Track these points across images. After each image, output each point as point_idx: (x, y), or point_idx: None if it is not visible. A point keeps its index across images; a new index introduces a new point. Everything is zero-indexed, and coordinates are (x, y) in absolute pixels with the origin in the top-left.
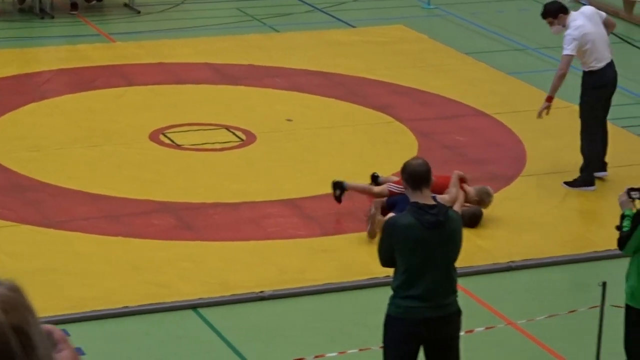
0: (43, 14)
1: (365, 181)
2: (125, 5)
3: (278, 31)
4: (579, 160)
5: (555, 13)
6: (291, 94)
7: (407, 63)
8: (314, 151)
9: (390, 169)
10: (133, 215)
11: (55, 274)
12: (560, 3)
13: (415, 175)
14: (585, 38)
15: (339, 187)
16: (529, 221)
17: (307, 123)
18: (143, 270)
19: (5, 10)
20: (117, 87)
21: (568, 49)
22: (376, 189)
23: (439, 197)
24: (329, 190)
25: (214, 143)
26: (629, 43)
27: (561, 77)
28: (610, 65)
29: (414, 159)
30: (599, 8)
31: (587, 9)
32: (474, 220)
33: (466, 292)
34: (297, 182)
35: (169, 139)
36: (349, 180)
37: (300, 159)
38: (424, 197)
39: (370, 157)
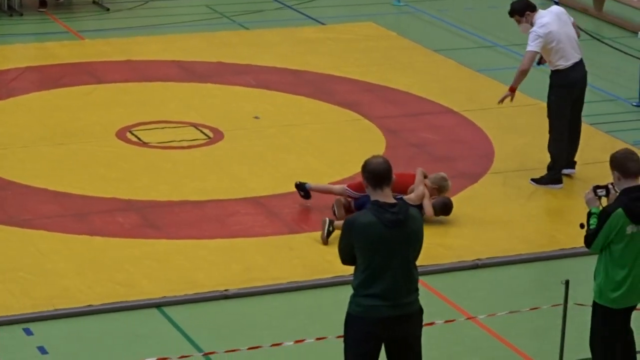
0: (11, 11)
1: (321, 182)
2: (94, 2)
3: (247, 28)
4: (547, 158)
5: (521, 11)
6: (259, 91)
7: (376, 60)
8: (281, 149)
9: (356, 167)
10: (98, 213)
11: (19, 272)
12: (527, 1)
13: (376, 173)
14: (551, 36)
15: (301, 189)
16: (495, 219)
17: (274, 121)
18: (107, 269)
19: None
20: (85, 84)
21: (532, 45)
22: (336, 188)
23: (406, 197)
24: (293, 188)
25: (180, 141)
26: (598, 40)
27: (522, 73)
28: (579, 64)
29: (374, 157)
30: (567, 5)
31: (556, 8)
32: (446, 208)
33: (431, 290)
34: (263, 180)
35: (135, 136)
36: (314, 179)
37: (266, 157)
38: (385, 196)
39: (337, 155)
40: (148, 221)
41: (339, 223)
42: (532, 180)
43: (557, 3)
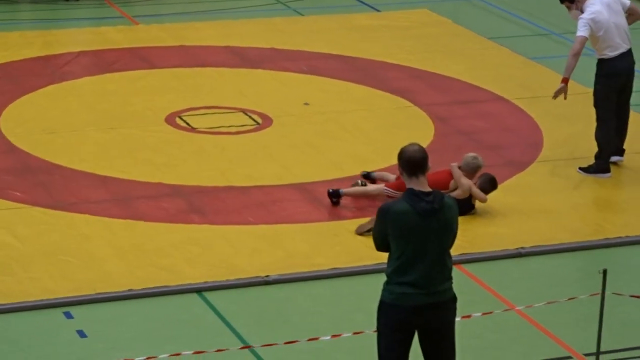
0: None
1: (369, 168)
2: None
3: (302, 15)
4: (596, 147)
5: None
6: (310, 77)
7: (429, 47)
8: (329, 136)
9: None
10: (143, 198)
11: (62, 256)
12: None
13: (412, 161)
14: (599, 25)
15: (335, 196)
16: (541, 208)
17: (324, 107)
18: (149, 254)
19: None
20: (138, 69)
21: (581, 31)
22: (372, 189)
23: (454, 194)
24: (340, 174)
25: (229, 126)
26: None
27: (574, 57)
28: (626, 55)
29: (410, 144)
30: None
31: None
32: (493, 183)
33: (473, 278)
34: (310, 166)
35: (184, 122)
36: (362, 166)
37: (314, 144)
38: (420, 184)
39: (385, 142)
40: (193, 207)
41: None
42: (580, 169)
43: None
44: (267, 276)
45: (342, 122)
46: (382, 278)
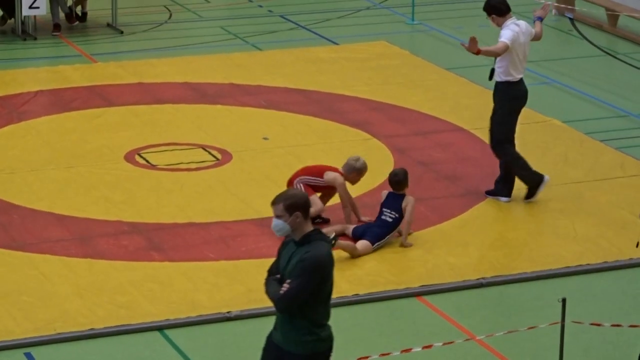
0: (25, 35)
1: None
2: (108, 25)
3: (260, 49)
4: (555, 175)
5: (491, 10)
6: (269, 112)
7: (387, 79)
8: (289, 169)
9: (364, 188)
10: (102, 236)
11: (21, 296)
12: (504, 4)
13: (309, 206)
14: (517, 43)
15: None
16: (500, 237)
17: (283, 141)
18: (109, 292)
19: None
20: (96, 107)
21: (506, 38)
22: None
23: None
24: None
25: (189, 163)
26: (612, 56)
27: (493, 55)
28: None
29: (297, 189)
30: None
31: (523, 23)
32: (397, 179)
33: (433, 309)
34: (269, 200)
35: (144, 159)
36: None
37: (274, 178)
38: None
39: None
40: (152, 244)
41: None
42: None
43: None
44: (228, 312)
45: (301, 156)
46: (342, 311)
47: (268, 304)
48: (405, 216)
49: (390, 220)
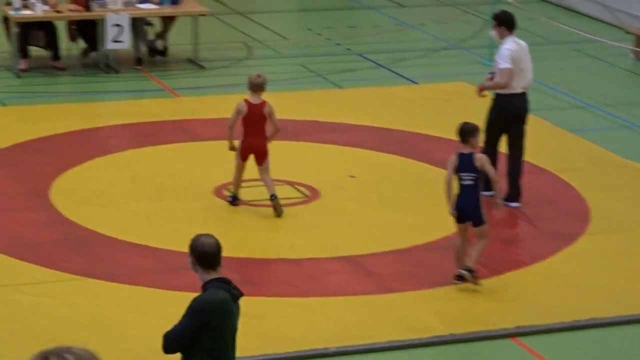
0: (108, 68)
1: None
2: (190, 60)
3: (341, 87)
4: None
5: (501, 22)
6: (353, 150)
7: (467, 119)
8: (376, 207)
9: (451, 226)
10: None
11: (117, 327)
12: (512, 17)
13: (210, 255)
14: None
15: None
16: (591, 280)
17: (368, 179)
18: None
19: (70, 64)
20: (179, 142)
21: (505, 62)
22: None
23: None
24: (389, 247)
25: None
26: None
27: (501, 87)
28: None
29: (204, 236)
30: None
31: (524, 43)
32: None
33: (528, 350)
34: (359, 238)
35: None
36: (411, 238)
37: (362, 215)
38: (219, 274)
39: (430, 214)
40: (244, 278)
41: None
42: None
43: None
44: (326, 348)
45: (388, 194)
46: (437, 351)
47: (363, 340)
48: (491, 176)
49: (472, 183)
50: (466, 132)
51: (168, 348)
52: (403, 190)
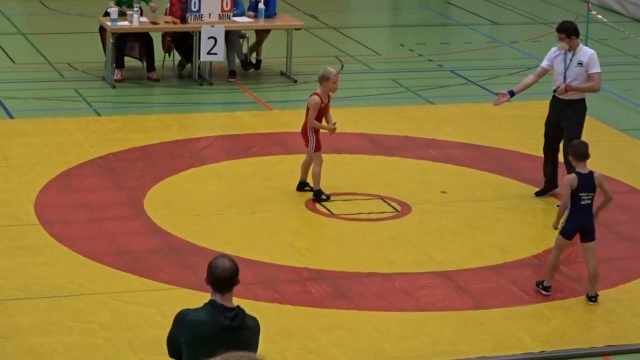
0: (202, 80)
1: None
2: (282, 74)
3: (433, 103)
4: None
5: (570, 33)
6: (445, 165)
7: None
8: (468, 224)
9: (543, 244)
10: (288, 282)
11: None
12: (576, 26)
13: (220, 279)
14: None
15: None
16: None
17: (461, 195)
18: (298, 337)
19: (165, 75)
20: (274, 154)
21: (598, 67)
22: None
23: None
24: (482, 263)
25: (369, 213)
26: None
27: (593, 91)
28: None
29: (221, 258)
30: None
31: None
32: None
33: None
34: (451, 254)
35: (325, 207)
36: (502, 255)
37: (454, 231)
38: (224, 299)
39: (523, 232)
40: (338, 291)
41: None
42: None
43: None
44: None
45: (480, 211)
46: None
47: (456, 356)
48: (607, 195)
49: (591, 202)
50: (583, 152)
51: (168, 353)
52: (494, 207)
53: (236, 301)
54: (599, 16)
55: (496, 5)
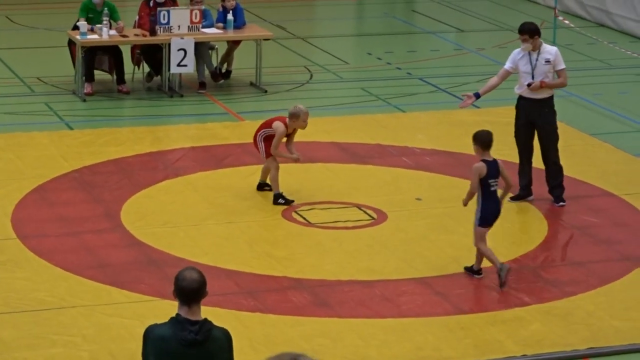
0: (172, 92)
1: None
2: (252, 84)
3: (404, 111)
4: None
5: (533, 33)
6: (419, 173)
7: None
8: (444, 230)
9: (520, 248)
10: (269, 291)
11: None
12: (536, 25)
13: (186, 290)
14: None
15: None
16: None
17: (436, 202)
18: (281, 346)
19: (135, 88)
20: (248, 165)
21: (564, 63)
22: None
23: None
24: (459, 269)
25: (345, 221)
26: None
27: (562, 87)
28: None
29: (188, 270)
30: None
31: None
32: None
33: None
34: (429, 260)
35: (301, 216)
36: (484, 262)
37: (430, 238)
38: (191, 312)
39: (499, 236)
40: (318, 299)
41: None
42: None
43: None
44: None
45: (455, 217)
46: None
47: None
48: (508, 181)
49: (497, 187)
50: (490, 140)
51: None
52: (469, 212)
53: (217, 311)
54: (566, 21)
55: (461, 13)
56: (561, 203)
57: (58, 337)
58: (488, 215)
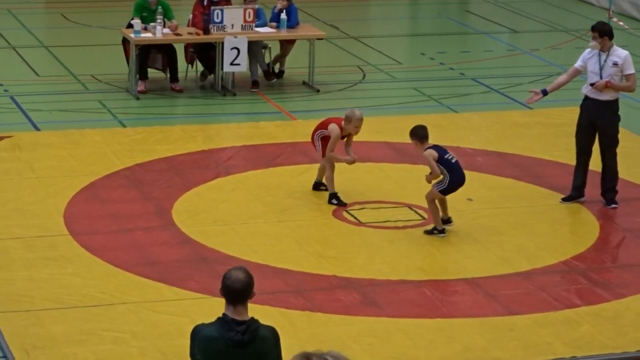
0: (225, 91)
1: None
2: (304, 83)
3: (456, 111)
4: None
5: (603, 33)
6: (470, 173)
7: None
8: (494, 231)
9: (570, 250)
10: (318, 290)
11: None
12: (611, 27)
13: (231, 290)
14: None
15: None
16: None
17: (486, 203)
18: (330, 345)
19: (187, 87)
20: (300, 164)
21: (633, 68)
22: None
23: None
24: (509, 269)
25: (396, 221)
26: None
27: (629, 91)
28: None
29: (235, 270)
30: None
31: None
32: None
33: None
34: (479, 261)
35: (352, 215)
36: (530, 262)
37: (481, 239)
38: (236, 312)
39: (550, 238)
40: (367, 299)
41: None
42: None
43: None
44: None
45: (505, 218)
46: None
47: None
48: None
49: (456, 158)
50: (426, 133)
51: None
52: (520, 213)
53: (266, 310)
54: (620, 23)
55: (515, 13)
56: (613, 205)
57: (107, 333)
58: (454, 185)
